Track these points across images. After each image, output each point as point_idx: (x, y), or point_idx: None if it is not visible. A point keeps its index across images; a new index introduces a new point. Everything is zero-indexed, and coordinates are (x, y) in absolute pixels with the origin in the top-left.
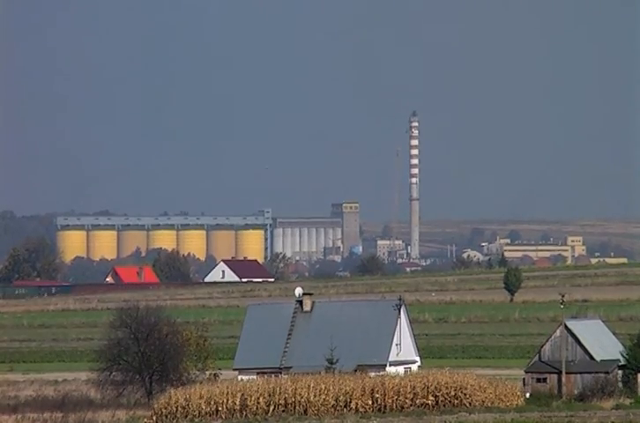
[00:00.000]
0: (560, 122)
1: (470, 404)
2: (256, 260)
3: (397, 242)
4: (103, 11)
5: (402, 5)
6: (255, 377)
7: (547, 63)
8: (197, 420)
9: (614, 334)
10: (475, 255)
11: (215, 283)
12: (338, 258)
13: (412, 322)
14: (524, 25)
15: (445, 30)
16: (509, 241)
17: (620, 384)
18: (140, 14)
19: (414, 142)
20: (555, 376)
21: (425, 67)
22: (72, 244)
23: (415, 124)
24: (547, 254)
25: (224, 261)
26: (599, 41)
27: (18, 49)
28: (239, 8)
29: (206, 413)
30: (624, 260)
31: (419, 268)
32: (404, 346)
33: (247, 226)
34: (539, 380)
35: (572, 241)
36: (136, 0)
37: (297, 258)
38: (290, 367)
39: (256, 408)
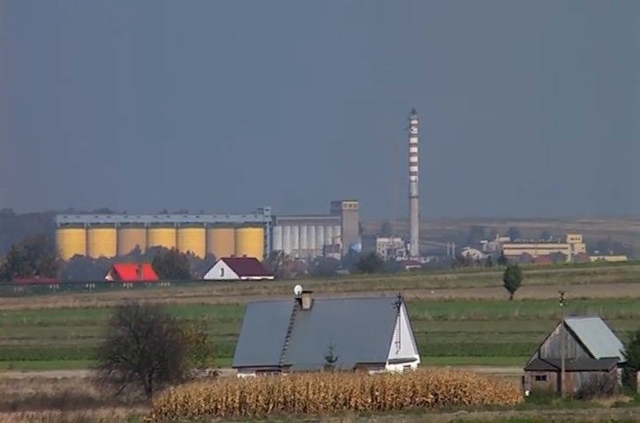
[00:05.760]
0: (559, 120)
1: (469, 401)
2: (255, 258)
3: (396, 240)
4: (102, 10)
5: (402, 5)
6: (254, 375)
7: (546, 62)
8: (196, 418)
9: (614, 332)
10: (475, 252)
11: (214, 281)
12: (337, 256)
13: (411, 319)
14: (523, 23)
15: (445, 28)
16: (508, 238)
17: (619, 382)
18: (140, 14)
19: (414, 140)
20: (555, 374)
21: (425, 65)
22: (72, 242)
23: (414, 122)
24: (547, 252)
25: (223, 259)
26: (597, 39)
27: (18, 50)
28: (238, 8)
29: (206, 411)
30: (623, 258)
31: (418, 266)
32: (403, 344)
33: (246, 224)
34: (538, 378)
35: (572, 238)
36: (135, 0)
37: (296, 256)
38: (289, 365)
39: (256, 406)
